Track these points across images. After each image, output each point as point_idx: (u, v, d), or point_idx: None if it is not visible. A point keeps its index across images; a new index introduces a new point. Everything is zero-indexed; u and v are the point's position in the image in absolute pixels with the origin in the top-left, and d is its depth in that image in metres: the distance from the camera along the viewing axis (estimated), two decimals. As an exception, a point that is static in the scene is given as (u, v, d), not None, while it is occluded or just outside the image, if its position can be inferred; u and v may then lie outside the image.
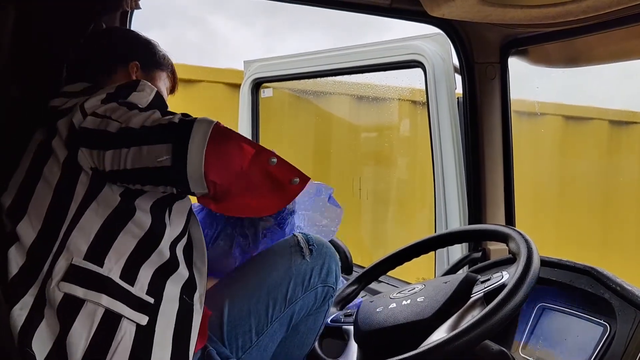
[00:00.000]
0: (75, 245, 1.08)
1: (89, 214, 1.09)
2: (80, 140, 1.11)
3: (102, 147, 1.09)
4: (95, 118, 1.11)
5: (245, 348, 1.28)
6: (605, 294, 1.33)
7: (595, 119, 3.55)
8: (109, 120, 1.10)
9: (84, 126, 1.11)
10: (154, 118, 1.09)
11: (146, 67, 1.38)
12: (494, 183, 1.92)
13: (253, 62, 2.75)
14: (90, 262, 1.08)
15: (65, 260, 1.08)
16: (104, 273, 1.08)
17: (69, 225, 1.09)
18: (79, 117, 1.12)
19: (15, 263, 1.10)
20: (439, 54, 2.02)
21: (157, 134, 1.07)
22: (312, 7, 1.81)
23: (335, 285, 1.38)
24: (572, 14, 1.41)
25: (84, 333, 1.04)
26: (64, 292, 1.06)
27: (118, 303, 1.07)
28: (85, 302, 1.06)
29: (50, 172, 1.13)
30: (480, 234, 1.53)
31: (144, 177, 1.10)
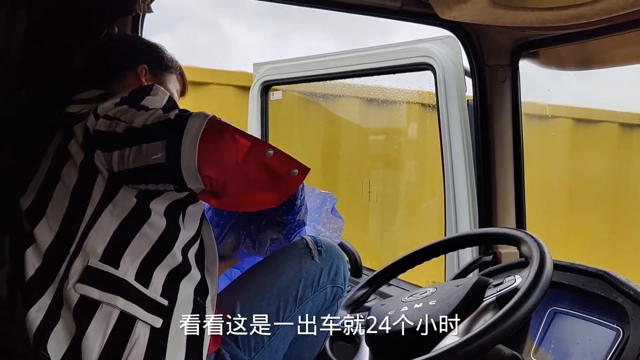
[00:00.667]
0: (92, 246, 1.09)
1: (105, 215, 1.10)
2: (94, 143, 1.12)
3: (111, 148, 1.10)
4: (107, 120, 1.12)
5: (257, 349, 1.29)
6: (619, 298, 1.33)
7: (606, 121, 3.53)
8: (118, 121, 1.11)
9: (97, 129, 1.12)
10: (155, 116, 1.08)
11: (155, 71, 1.38)
12: (505, 186, 1.91)
13: (262, 65, 2.75)
14: (106, 264, 1.09)
15: (82, 262, 1.08)
16: (119, 275, 1.09)
17: (85, 226, 1.10)
18: (92, 120, 1.14)
19: (32, 265, 1.10)
20: (449, 57, 2.02)
21: (154, 131, 1.06)
22: (322, 9, 1.81)
23: (343, 286, 1.39)
24: (584, 17, 1.40)
25: (99, 335, 1.05)
26: (80, 293, 1.07)
27: (133, 305, 1.07)
28: (100, 304, 1.06)
29: (68, 175, 1.14)
30: (493, 237, 1.52)
31: (144, 176, 1.09)
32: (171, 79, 1.42)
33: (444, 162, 2.03)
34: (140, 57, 1.37)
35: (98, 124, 1.12)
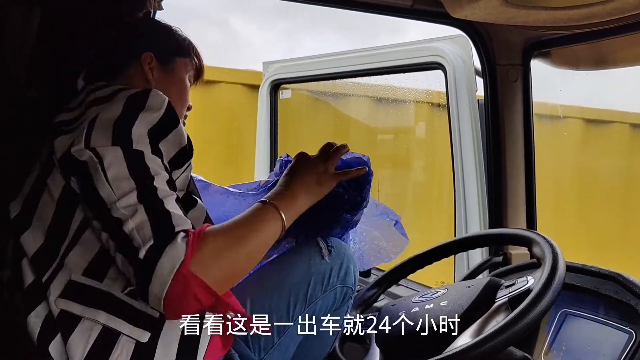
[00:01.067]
0: (75, 261, 1.04)
1: (90, 231, 1.04)
2: (73, 168, 1.04)
3: (85, 200, 1.03)
4: (93, 157, 1.00)
5: (267, 349, 1.29)
6: (632, 300, 1.31)
7: (617, 122, 3.51)
8: (102, 175, 0.99)
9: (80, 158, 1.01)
10: (135, 224, 0.95)
11: (164, 56, 1.26)
12: (516, 186, 1.90)
13: (272, 64, 2.75)
14: (89, 278, 1.04)
15: (65, 277, 1.04)
16: (103, 288, 1.04)
17: (70, 241, 1.05)
18: (80, 141, 1.02)
19: (29, 274, 1.07)
20: (459, 56, 2.01)
21: (128, 253, 0.96)
22: (333, 8, 1.80)
23: (353, 286, 1.39)
24: (597, 16, 1.39)
25: (78, 350, 1.01)
26: (61, 308, 1.03)
27: (117, 320, 1.03)
28: (82, 318, 1.03)
29: (53, 185, 1.07)
30: (504, 237, 1.51)
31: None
32: (183, 63, 1.30)
33: (454, 162, 2.02)
34: (146, 43, 1.25)
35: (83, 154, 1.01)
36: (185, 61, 1.30)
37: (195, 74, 1.34)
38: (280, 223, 1.08)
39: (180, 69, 1.29)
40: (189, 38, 1.33)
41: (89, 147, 1.00)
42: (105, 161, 0.98)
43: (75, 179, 1.03)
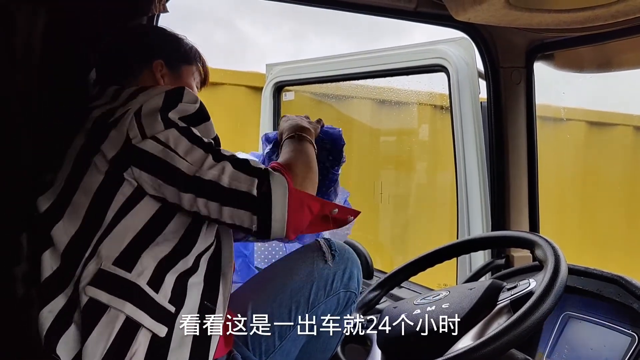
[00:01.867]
0: (107, 251, 1.09)
1: (125, 222, 1.11)
2: (134, 159, 1.12)
3: (166, 180, 1.11)
4: (157, 144, 1.12)
5: (268, 352, 1.29)
6: (634, 303, 1.31)
7: (620, 124, 3.50)
8: (174, 154, 1.11)
9: (144, 148, 1.11)
10: (229, 177, 1.11)
11: (172, 65, 1.33)
12: (519, 189, 1.90)
13: (275, 66, 2.76)
14: (118, 268, 1.09)
15: (95, 265, 1.09)
16: (131, 279, 1.09)
17: (103, 231, 1.10)
18: (135, 133, 1.12)
19: (49, 266, 1.11)
20: (463, 59, 2.01)
21: (239, 200, 1.12)
22: (336, 10, 1.80)
23: (357, 290, 1.38)
24: (600, 19, 1.39)
25: (102, 341, 1.05)
26: (89, 296, 1.07)
27: (140, 312, 1.08)
28: (108, 307, 1.07)
29: (90, 179, 1.13)
30: (506, 240, 1.51)
31: (225, 226, 1.17)
32: (190, 71, 1.37)
33: (457, 165, 2.02)
34: (157, 51, 1.33)
35: (145, 144, 1.11)
36: (192, 69, 1.37)
37: (201, 80, 1.41)
38: (312, 146, 1.35)
39: (188, 76, 1.36)
40: (195, 46, 1.40)
41: (147, 137, 1.11)
42: (170, 143, 1.11)
43: (139, 168, 1.11)
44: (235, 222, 1.13)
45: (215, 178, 1.11)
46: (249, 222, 1.13)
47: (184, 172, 1.10)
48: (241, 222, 1.13)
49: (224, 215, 1.12)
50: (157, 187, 1.12)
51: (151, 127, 1.12)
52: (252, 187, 1.11)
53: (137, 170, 1.11)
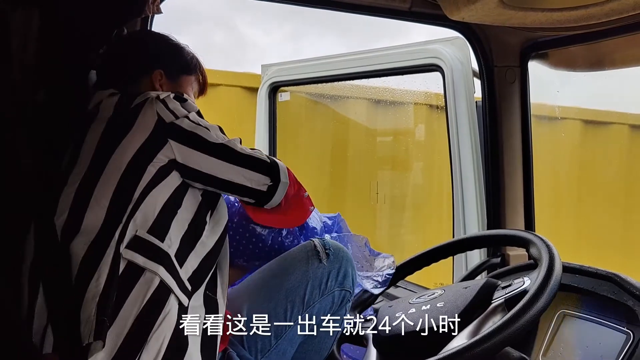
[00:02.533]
0: (141, 220, 1.16)
1: (154, 194, 1.19)
2: (172, 134, 1.23)
3: (199, 149, 1.24)
4: (190, 121, 1.25)
5: (264, 351, 1.29)
6: (629, 300, 1.32)
7: (616, 123, 3.51)
8: (205, 129, 1.26)
9: (180, 125, 1.24)
10: (248, 149, 1.31)
11: (171, 74, 1.39)
12: (514, 187, 1.90)
13: (270, 66, 2.76)
14: (152, 236, 1.16)
15: (132, 231, 1.15)
16: (163, 248, 1.16)
17: (135, 204, 1.17)
18: (168, 114, 1.24)
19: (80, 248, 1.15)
20: (457, 58, 2.01)
21: (255, 165, 1.29)
22: (331, 11, 1.81)
23: (352, 289, 1.39)
24: (594, 17, 1.39)
25: (138, 300, 1.10)
26: (127, 258, 1.13)
27: (171, 278, 1.14)
28: (144, 270, 1.13)
29: (118, 161, 1.20)
30: (501, 239, 1.51)
31: (231, 188, 1.28)
32: (189, 80, 1.43)
33: (453, 164, 2.02)
34: (157, 60, 1.38)
35: (180, 121, 1.24)
36: (190, 79, 1.44)
37: (200, 89, 1.48)
38: None
39: (186, 86, 1.42)
40: (195, 56, 1.46)
41: (180, 117, 1.24)
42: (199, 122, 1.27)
43: (176, 141, 1.23)
44: (248, 183, 1.29)
45: (236, 147, 1.28)
46: (263, 182, 1.30)
47: (213, 142, 1.25)
48: (256, 184, 1.30)
49: (238, 176, 1.27)
50: (190, 157, 1.23)
51: (179, 111, 1.25)
52: (262, 155, 1.31)
53: (175, 143, 1.22)
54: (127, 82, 1.34)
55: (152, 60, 1.38)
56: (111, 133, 1.23)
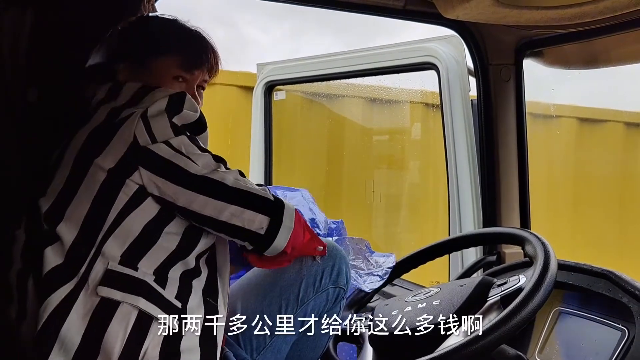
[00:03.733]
0: (111, 250, 1.10)
1: (128, 221, 1.12)
2: (143, 161, 1.12)
3: (174, 181, 1.13)
4: (168, 148, 1.13)
5: (259, 349, 1.30)
6: (624, 298, 1.32)
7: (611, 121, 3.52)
8: (187, 159, 1.14)
9: (155, 151, 1.13)
10: (248, 184, 1.18)
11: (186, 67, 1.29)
12: (509, 186, 1.90)
13: (266, 65, 2.75)
14: (125, 267, 1.10)
15: (102, 265, 1.09)
16: (139, 276, 1.11)
17: (106, 231, 1.11)
18: (145, 137, 1.13)
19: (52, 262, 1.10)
20: (452, 56, 2.02)
21: (255, 203, 1.17)
22: (325, 9, 1.81)
23: (346, 286, 1.39)
24: (589, 15, 1.39)
25: (119, 334, 1.06)
26: (102, 295, 1.08)
27: (152, 305, 1.10)
28: (121, 303, 1.08)
29: (92, 179, 1.13)
30: (496, 236, 1.52)
31: (217, 226, 1.17)
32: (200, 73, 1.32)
33: (448, 162, 2.02)
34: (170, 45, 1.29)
35: (157, 147, 1.12)
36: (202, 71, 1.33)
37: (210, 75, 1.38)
38: None
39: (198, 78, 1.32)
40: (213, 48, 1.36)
41: (157, 141, 1.13)
42: (182, 149, 1.14)
43: (148, 169, 1.12)
44: (239, 223, 1.16)
45: (225, 180, 1.15)
46: (258, 224, 1.16)
47: (194, 173, 1.14)
48: (250, 224, 1.16)
49: (224, 214, 1.15)
50: (162, 188, 1.13)
51: (161, 132, 1.13)
52: (266, 193, 1.19)
53: (145, 171, 1.12)
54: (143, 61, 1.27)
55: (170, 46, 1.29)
56: (89, 147, 1.15)
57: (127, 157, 1.12)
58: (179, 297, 1.14)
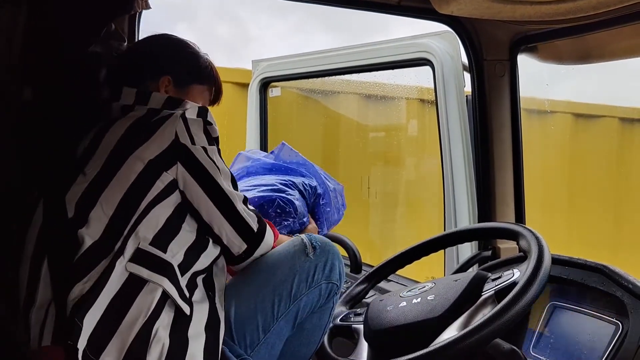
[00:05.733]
0: (143, 233, 1.18)
1: (158, 209, 1.20)
2: (183, 158, 1.23)
3: (202, 185, 1.25)
4: (205, 154, 1.25)
5: (253, 346, 1.31)
6: (618, 291, 1.32)
7: (606, 116, 3.53)
8: (217, 170, 1.27)
9: (193, 152, 1.24)
10: (245, 210, 1.32)
11: (180, 82, 1.39)
12: (504, 181, 1.91)
13: (261, 62, 2.75)
14: (155, 248, 1.17)
15: (133, 245, 1.16)
16: (167, 259, 1.18)
17: (138, 216, 1.18)
18: (185, 137, 1.23)
19: (88, 240, 1.16)
20: (447, 52, 2.02)
21: (242, 229, 1.31)
22: (320, 5, 1.80)
23: (339, 282, 1.40)
24: (582, 10, 1.40)
25: (143, 309, 1.12)
26: (130, 271, 1.14)
27: (173, 288, 1.16)
28: (148, 282, 1.14)
29: (128, 169, 1.20)
30: (491, 231, 1.52)
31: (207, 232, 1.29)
32: (199, 90, 1.43)
33: (443, 158, 2.03)
34: (167, 66, 1.39)
35: (195, 149, 1.24)
36: (202, 88, 1.44)
37: (213, 98, 1.50)
38: None
39: (195, 94, 1.42)
40: (211, 65, 1.47)
41: (196, 144, 1.24)
42: (215, 160, 1.27)
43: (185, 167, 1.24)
44: (224, 239, 1.30)
45: (236, 202, 1.29)
46: (237, 248, 1.31)
47: (220, 186, 1.27)
48: (231, 243, 1.30)
49: (218, 228, 1.28)
50: (189, 186, 1.24)
51: (199, 137, 1.25)
52: (254, 224, 1.32)
53: (182, 168, 1.23)
54: (138, 81, 1.34)
55: (163, 64, 1.39)
56: (128, 140, 1.23)
57: (168, 152, 1.22)
58: (189, 288, 1.20)
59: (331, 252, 1.39)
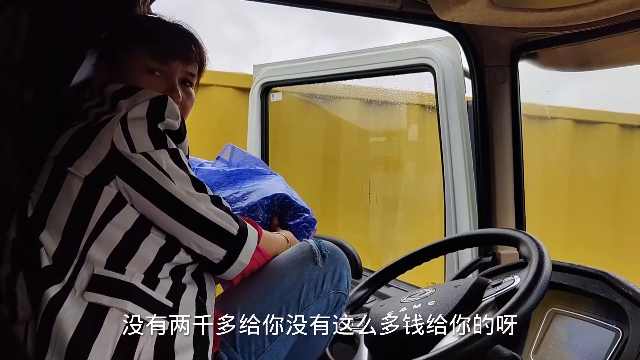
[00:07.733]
0: (96, 256, 1.08)
1: (110, 227, 1.09)
2: (121, 171, 1.09)
3: (150, 199, 1.11)
4: (147, 161, 1.10)
5: (257, 354, 1.27)
6: (618, 298, 1.32)
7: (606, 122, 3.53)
8: (166, 177, 1.11)
9: (132, 161, 1.09)
10: (214, 212, 1.15)
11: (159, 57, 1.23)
12: (504, 187, 1.91)
13: (262, 66, 2.76)
14: (111, 271, 1.08)
15: (87, 271, 1.07)
16: (126, 280, 1.08)
17: (89, 237, 1.08)
18: (123, 144, 1.09)
19: (45, 260, 1.08)
20: (448, 58, 2.02)
21: (216, 235, 1.16)
22: (321, 11, 1.81)
23: (347, 292, 1.37)
24: (583, 17, 1.40)
25: (110, 338, 1.04)
26: (89, 301, 1.06)
27: (141, 309, 1.07)
28: (110, 308, 1.06)
29: (69, 185, 1.10)
30: (491, 237, 1.52)
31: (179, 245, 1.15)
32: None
33: (444, 164, 2.03)
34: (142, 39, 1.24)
35: (134, 158, 1.09)
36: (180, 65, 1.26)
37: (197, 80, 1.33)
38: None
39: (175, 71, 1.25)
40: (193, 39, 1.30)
41: (136, 152, 1.09)
42: (162, 164, 1.10)
43: (124, 180, 1.09)
44: (197, 250, 1.15)
45: (197, 207, 1.13)
46: (215, 255, 1.17)
47: (170, 193, 1.11)
48: (207, 253, 1.16)
49: (185, 239, 1.14)
50: (135, 200, 1.10)
51: (140, 142, 1.10)
52: (232, 226, 1.17)
53: (122, 181, 1.09)
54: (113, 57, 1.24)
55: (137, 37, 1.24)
56: (68, 152, 1.12)
57: (106, 165, 1.09)
58: (170, 297, 1.12)
59: (340, 260, 1.36)
